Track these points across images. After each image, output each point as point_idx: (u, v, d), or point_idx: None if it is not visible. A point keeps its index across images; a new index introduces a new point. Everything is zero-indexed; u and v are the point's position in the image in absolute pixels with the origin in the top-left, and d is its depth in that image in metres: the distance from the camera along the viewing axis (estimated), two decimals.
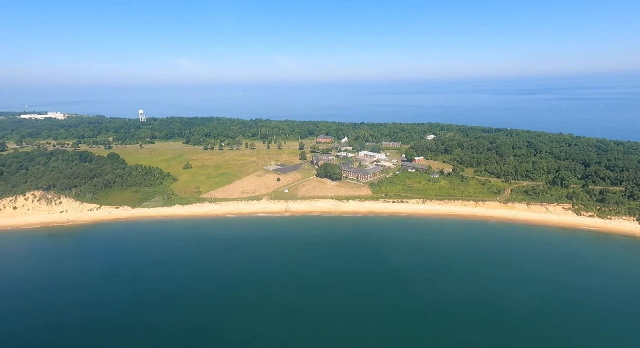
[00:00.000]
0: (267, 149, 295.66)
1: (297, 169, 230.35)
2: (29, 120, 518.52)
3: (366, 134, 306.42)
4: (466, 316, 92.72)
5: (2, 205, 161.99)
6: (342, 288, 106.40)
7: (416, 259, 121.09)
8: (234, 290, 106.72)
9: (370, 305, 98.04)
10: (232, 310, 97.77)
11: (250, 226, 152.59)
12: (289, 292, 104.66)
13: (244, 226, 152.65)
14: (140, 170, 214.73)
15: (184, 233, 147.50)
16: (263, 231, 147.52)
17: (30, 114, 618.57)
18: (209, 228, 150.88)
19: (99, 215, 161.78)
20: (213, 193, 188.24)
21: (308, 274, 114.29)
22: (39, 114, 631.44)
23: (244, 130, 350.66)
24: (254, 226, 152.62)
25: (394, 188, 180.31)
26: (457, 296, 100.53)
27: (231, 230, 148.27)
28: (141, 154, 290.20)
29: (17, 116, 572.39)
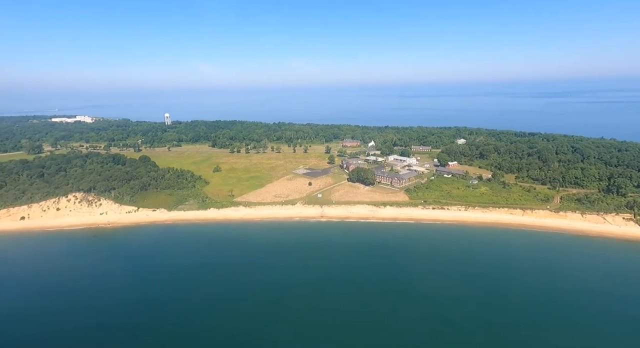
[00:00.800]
0: (293, 152, 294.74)
1: (326, 172, 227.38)
2: (59, 123, 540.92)
3: (394, 138, 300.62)
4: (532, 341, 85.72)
5: (46, 206, 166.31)
6: (389, 296, 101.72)
7: (467, 269, 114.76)
8: (278, 294, 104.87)
9: (417, 316, 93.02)
10: (275, 315, 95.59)
11: (287, 230, 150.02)
12: (333, 298, 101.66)
13: (281, 230, 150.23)
14: (172, 173, 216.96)
15: (222, 236, 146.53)
16: (301, 236, 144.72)
17: (60, 118, 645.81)
18: (246, 232, 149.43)
19: (137, 217, 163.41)
20: (246, 196, 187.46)
21: (351, 280, 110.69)
22: (68, 117, 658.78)
23: (268, 133, 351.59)
24: (291, 230, 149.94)
25: (431, 194, 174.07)
26: (520, 314, 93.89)
27: (269, 234, 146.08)
28: (169, 156, 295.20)
29: (49, 119, 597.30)
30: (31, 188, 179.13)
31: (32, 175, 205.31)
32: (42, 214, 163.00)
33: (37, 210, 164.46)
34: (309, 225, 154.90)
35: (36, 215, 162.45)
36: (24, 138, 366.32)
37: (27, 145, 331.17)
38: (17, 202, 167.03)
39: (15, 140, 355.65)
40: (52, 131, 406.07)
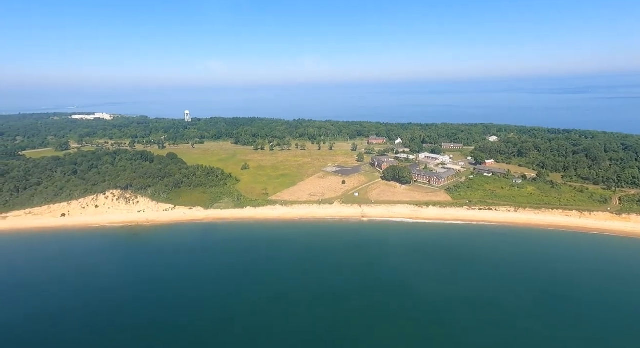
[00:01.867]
0: (319, 150, 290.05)
1: (357, 170, 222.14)
2: (80, 120, 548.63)
3: (421, 135, 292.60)
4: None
5: (85, 203, 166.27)
6: (451, 300, 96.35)
7: (535, 273, 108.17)
8: (331, 294, 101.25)
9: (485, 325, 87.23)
10: (328, 317, 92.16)
11: (330, 230, 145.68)
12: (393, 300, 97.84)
13: (323, 230, 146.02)
14: (202, 171, 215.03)
15: (263, 235, 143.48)
16: (344, 235, 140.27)
17: (80, 115, 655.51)
18: (287, 231, 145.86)
19: (175, 216, 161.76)
20: (280, 195, 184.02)
21: (406, 282, 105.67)
22: (87, 114, 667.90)
23: (290, 130, 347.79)
24: (333, 230, 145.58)
25: (474, 194, 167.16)
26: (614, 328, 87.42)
27: (311, 234, 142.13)
28: (194, 153, 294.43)
29: (70, 116, 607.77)
30: (68, 185, 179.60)
31: (65, 172, 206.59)
32: (81, 211, 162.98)
33: (76, 207, 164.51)
34: (350, 225, 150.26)
35: (76, 212, 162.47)
36: (49, 135, 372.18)
37: (54, 142, 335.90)
38: (56, 199, 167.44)
39: (41, 137, 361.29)
40: (76, 128, 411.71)
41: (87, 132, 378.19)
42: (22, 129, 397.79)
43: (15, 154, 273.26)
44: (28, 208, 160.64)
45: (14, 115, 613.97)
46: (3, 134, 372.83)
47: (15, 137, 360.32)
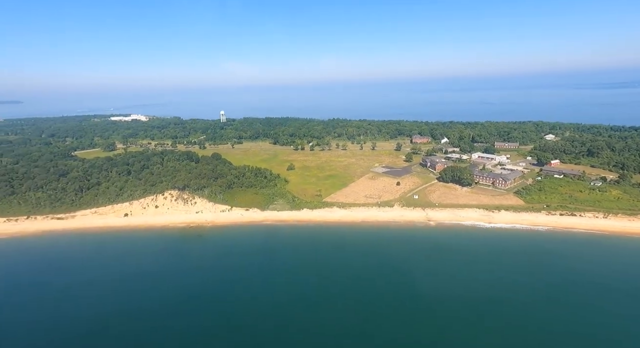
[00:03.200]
0: (361, 150, 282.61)
1: (408, 171, 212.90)
2: (119, 121, 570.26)
3: (470, 133, 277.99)
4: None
5: (145, 204, 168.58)
6: (555, 333, 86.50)
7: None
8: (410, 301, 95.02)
9: None
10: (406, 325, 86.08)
11: (396, 235, 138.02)
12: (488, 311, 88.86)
13: (389, 234, 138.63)
14: (250, 171, 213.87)
15: (327, 238, 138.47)
16: (415, 241, 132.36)
17: (117, 116, 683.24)
18: (350, 235, 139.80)
19: (234, 217, 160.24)
20: (334, 197, 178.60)
21: (508, 298, 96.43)
22: (124, 116, 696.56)
23: (327, 129, 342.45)
24: (400, 235, 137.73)
25: (550, 198, 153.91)
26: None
27: (379, 238, 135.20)
28: (235, 153, 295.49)
29: (108, 118, 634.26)
30: (127, 185, 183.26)
31: (120, 172, 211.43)
32: (142, 211, 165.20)
33: (137, 207, 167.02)
34: (417, 229, 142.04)
35: (137, 212, 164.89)
36: (95, 136, 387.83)
37: (100, 143, 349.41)
38: (118, 199, 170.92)
39: (88, 138, 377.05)
40: (118, 129, 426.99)
41: (129, 133, 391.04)
42: (70, 131, 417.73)
43: (69, 155, 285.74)
44: (94, 208, 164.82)
45: (58, 118, 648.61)
46: (54, 135, 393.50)
47: (65, 138, 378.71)
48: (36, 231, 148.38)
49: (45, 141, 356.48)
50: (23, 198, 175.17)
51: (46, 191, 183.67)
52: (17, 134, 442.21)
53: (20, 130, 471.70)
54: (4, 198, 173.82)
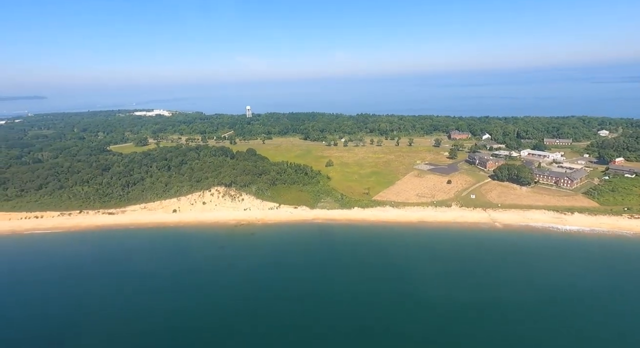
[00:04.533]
0: (397, 146, 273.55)
1: (455, 169, 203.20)
2: (143, 116, 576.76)
3: (514, 129, 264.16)
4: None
5: (193, 200, 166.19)
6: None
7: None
8: (514, 310, 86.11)
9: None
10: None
11: (460, 237, 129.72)
12: None
13: (453, 236, 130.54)
14: (290, 167, 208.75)
15: (385, 238, 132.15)
16: (483, 243, 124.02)
17: (141, 111, 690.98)
18: (410, 235, 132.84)
19: (284, 215, 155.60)
20: (383, 195, 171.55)
21: None
22: (147, 111, 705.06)
23: (358, 125, 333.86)
24: (465, 237, 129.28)
25: (628, 200, 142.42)
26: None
27: (444, 240, 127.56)
28: (268, 149, 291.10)
29: (132, 113, 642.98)
30: (172, 180, 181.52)
31: (160, 167, 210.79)
32: (190, 207, 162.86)
33: (185, 203, 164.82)
34: (483, 232, 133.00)
35: (185, 208, 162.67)
36: (125, 130, 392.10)
37: (132, 138, 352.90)
38: (165, 194, 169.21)
39: (119, 132, 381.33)
40: (146, 124, 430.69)
41: (158, 127, 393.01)
42: (100, 125, 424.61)
43: (104, 149, 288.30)
44: (142, 203, 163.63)
45: (85, 112, 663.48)
46: (85, 130, 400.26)
47: (97, 133, 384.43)
48: (90, 225, 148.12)
49: (79, 136, 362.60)
50: (72, 192, 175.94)
51: (92, 185, 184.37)
52: (49, 129, 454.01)
53: (52, 124, 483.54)
54: (54, 192, 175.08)
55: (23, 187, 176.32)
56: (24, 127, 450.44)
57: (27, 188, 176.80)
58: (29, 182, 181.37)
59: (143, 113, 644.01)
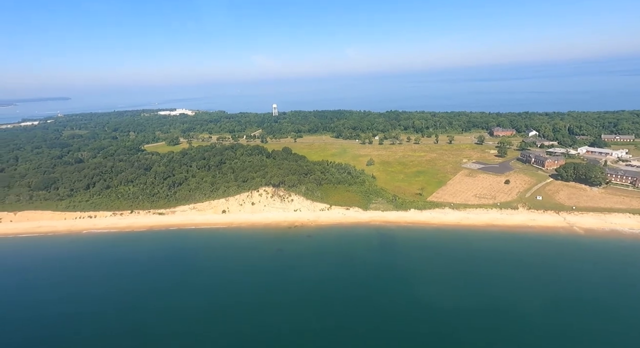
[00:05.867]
0: (436, 144, 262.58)
1: (508, 168, 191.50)
2: (168, 116, 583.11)
3: (565, 124, 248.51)
4: None
5: (241, 200, 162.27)
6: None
7: None
8: None
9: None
10: None
11: (540, 243, 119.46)
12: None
13: (531, 242, 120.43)
14: (333, 166, 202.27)
15: (456, 243, 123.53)
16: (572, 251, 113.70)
17: (164, 111, 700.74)
18: (483, 240, 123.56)
19: (336, 217, 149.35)
20: (438, 195, 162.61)
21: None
22: (170, 110, 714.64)
23: (391, 122, 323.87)
24: (546, 244, 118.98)
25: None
26: None
27: (523, 247, 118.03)
28: (301, 147, 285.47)
29: (156, 113, 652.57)
30: (218, 180, 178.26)
31: (200, 167, 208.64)
32: (239, 208, 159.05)
33: (234, 203, 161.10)
34: (565, 237, 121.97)
35: (234, 208, 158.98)
36: (156, 130, 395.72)
37: (163, 137, 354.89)
38: (213, 195, 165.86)
39: (149, 132, 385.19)
40: (174, 123, 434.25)
41: (187, 127, 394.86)
42: (130, 125, 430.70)
43: (139, 148, 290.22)
44: (191, 204, 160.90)
45: (112, 112, 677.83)
46: (117, 130, 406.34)
47: (128, 133, 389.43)
48: (142, 225, 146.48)
49: (112, 135, 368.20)
50: (119, 192, 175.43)
51: (137, 185, 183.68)
52: (80, 129, 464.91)
53: (83, 124, 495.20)
54: (102, 192, 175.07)
55: (72, 187, 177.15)
56: (57, 127, 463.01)
57: (76, 188, 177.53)
58: (77, 182, 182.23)
59: (167, 112, 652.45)
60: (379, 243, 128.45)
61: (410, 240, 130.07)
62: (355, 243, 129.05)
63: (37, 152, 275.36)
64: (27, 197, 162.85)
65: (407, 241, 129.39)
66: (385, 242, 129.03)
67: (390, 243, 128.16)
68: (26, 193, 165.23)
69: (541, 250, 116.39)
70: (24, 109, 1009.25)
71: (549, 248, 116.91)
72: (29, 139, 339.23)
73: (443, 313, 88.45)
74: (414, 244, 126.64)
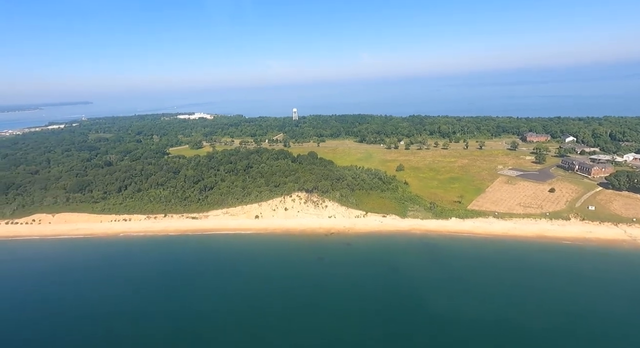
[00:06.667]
0: (466, 149, 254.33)
1: (549, 175, 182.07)
2: (187, 119, 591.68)
3: (607, 131, 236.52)
4: None
5: (274, 205, 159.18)
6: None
7: None
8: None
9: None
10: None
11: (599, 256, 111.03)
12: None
13: (590, 256, 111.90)
14: (363, 172, 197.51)
15: (504, 254, 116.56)
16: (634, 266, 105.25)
17: (183, 115, 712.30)
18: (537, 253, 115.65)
19: (373, 224, 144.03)
20: (478, 204, 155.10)
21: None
22: (189, 114, 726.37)
23: (416, 127, 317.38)
24: (604, 256, 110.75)
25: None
26: None
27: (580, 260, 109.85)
28: (326, 152, 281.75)
29: (176, 116, 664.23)
30: (248, 185, 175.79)
31: (227, 171, 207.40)
32: (272, 213, 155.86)
33: (266, 208, 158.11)
34: (627, 252, 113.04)
35: (267, 214, 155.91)
36: (178, 133, 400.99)
37: (185, 140, 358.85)
38: (245, 199, 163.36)
39: (172, 135, 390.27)
40: (195, 127, 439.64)
41: (208, 130, 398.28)
42: (153, 128, 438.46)
43: (164, 152, 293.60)
44: (224, 208, 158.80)
45: (133, 116, 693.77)
46: (140, 133, 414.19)
47: (152, 136, 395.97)
48: (177, 229, 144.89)
49: (136, 139, 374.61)
50: (150, 195, 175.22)
51: (167, 188, 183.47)
52: (104, 132, 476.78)
53: (107, 128, 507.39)
54: (134, 195, 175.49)
55: (105, 190, 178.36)
56: (83, 130, 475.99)
57: (109, 190, 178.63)
58: (109, 185, 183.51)
59: (186, 116, 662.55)
60: (424, 254, 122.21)
61: (456, 250, 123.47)
62: (399, 253, 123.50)
63: (67, 154, 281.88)
64: (63, 199, 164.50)
65: (453, 251, 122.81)
66: (431, 252, 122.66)
67: (435, 254, 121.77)
68: (62, 195, 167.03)
69: (604, 264, 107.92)
70: (49, 113, 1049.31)
71: (613, 263, 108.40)
72: (58, 141, 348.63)
73: (504, 331, 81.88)
74: (461, 255, 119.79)
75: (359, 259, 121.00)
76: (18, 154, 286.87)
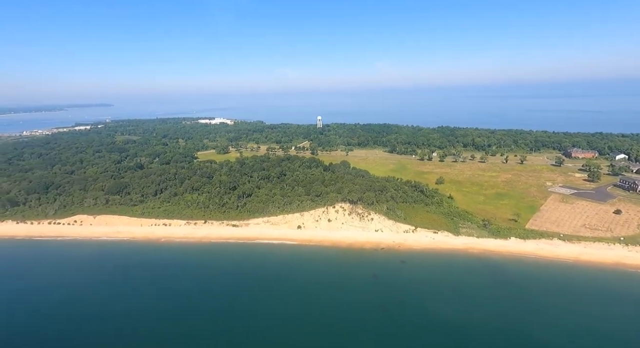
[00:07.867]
0: (505, 163, 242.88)
1: (607, 195, 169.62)
2: (208, 124, 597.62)
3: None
4: None
5: (317, 216, 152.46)
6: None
7: None
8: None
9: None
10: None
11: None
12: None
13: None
14: (404, 184, 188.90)
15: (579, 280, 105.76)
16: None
17: (204, 119, 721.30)
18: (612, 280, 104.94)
19: (424, 240, 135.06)
20: (536, 223, 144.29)
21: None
22: (209, 119, 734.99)
23: (448, 138, 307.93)
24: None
25: None
26: None
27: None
28: (356, 161, 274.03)
29: (197, 121, 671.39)
30: (287, 193, 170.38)
31: (261, 177, 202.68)
32: (315, 224, 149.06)
33: (309, 219, 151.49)
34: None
35: (310, 224, 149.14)
36: (203, 138, 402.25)
37: (211, 145, 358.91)
38: (287, 208, 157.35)
39: (197, 139, 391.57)
40: (219, 132, 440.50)
41: (233, 136, 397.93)
42: (178, 132, 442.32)
43: (193, 156, 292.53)
44: (265, 217, 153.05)
45: (154, 120, 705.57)
46: (166, 136, 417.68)
47: (177, 140, 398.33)
48: (219, 237, 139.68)
49: (162, 142, 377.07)
50: (187, 200, 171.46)
51: (203, 193, 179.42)
52: (130, 134, 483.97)
53: (132, 130, 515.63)
54: (171, 198, 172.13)
55: (142, 193, 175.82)
56: (109, 132, 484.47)
57: (146, 193, 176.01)
58: (145, 188, 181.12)
59: (206, 121, 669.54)
60: (486, 275, 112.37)
61: (522, 274, 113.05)
62: (460, 274, 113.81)
63: (98, 155, 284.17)
64: (103, 201, 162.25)
65: (520, 274, 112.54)
66: (494, 274, 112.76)
67: (499, 276, 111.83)
68: (102, 197, 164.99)
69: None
70: (74, 114, 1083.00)
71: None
72: (87, 142, 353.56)
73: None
74: (529, 280, 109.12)
75: (416, 278, 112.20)
76: (52, 153, 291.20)
